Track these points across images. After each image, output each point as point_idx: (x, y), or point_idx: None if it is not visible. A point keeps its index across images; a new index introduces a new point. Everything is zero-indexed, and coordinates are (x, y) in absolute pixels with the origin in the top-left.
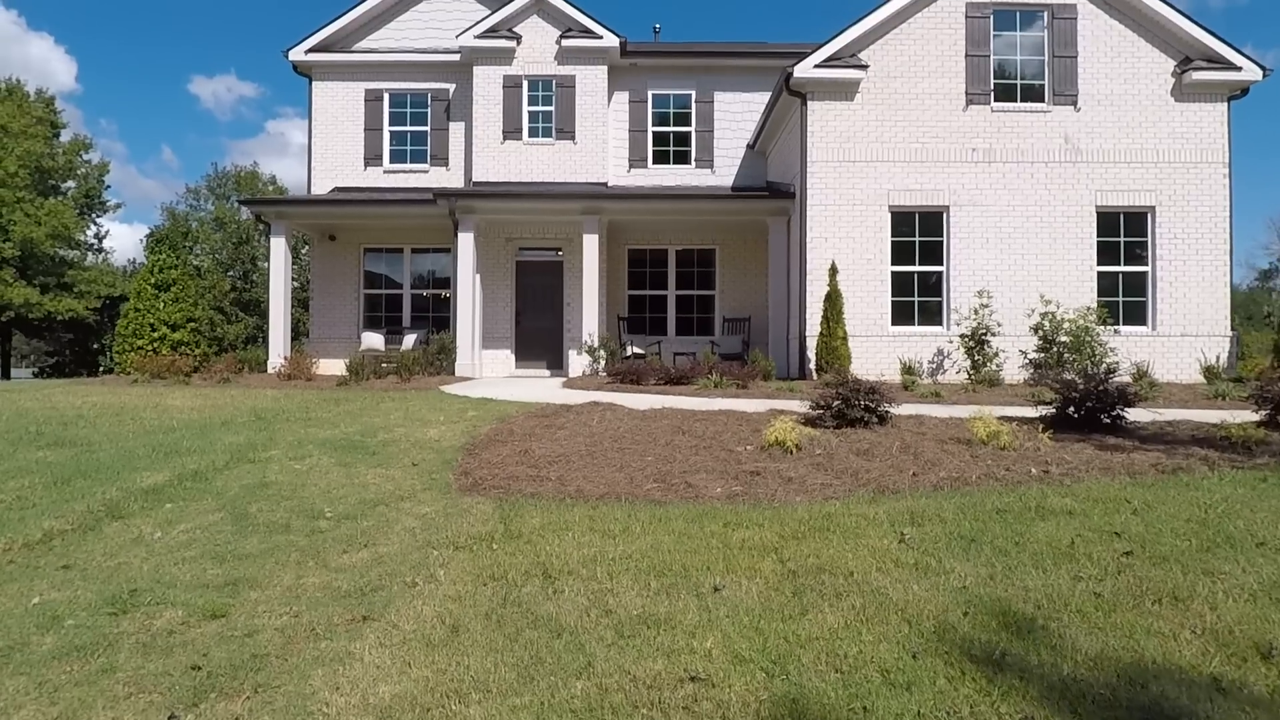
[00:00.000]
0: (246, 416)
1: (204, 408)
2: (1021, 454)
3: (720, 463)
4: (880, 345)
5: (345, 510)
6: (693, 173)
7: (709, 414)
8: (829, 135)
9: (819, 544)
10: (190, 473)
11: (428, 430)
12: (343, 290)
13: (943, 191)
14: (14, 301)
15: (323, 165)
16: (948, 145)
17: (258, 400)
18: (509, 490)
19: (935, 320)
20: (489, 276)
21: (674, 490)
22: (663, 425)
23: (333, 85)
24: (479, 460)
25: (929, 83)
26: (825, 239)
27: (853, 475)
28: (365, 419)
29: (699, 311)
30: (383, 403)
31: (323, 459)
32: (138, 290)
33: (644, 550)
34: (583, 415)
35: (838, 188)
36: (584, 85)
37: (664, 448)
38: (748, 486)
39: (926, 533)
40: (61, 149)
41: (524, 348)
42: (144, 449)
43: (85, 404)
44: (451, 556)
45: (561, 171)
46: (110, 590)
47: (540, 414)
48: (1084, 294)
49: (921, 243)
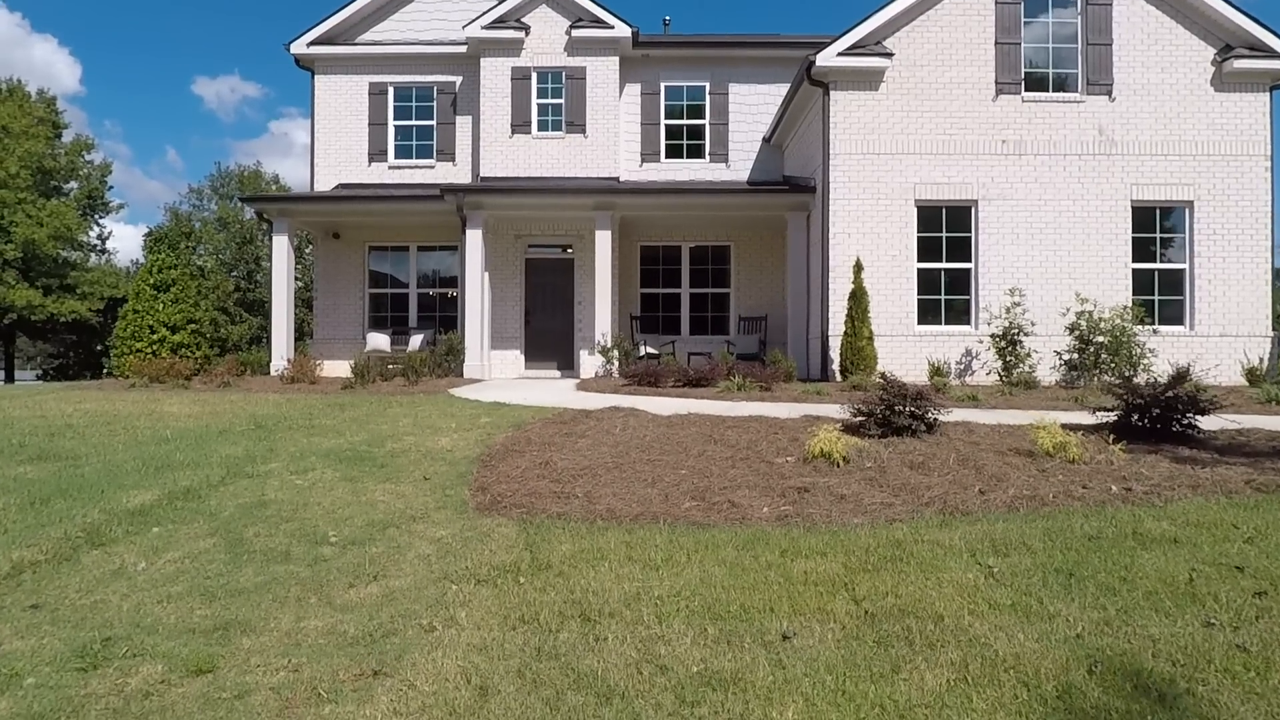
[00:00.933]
0: (246, 424)
1: (201, 415)
2: (1094, 468)
3: (762, 477)
4: (906, 345)
5: (351, 533)
6: (707, 167)
7: (739, 421)
8: (852, 126)
9: (894, 578)
10: (182, 490)
11: (439, 439)
12: (347, 290)
13: (971, 185)
14: (16, 303)
15: (326, 161)
16: (976, 137)
17: (259, 406)
18: (532, 509)
19: (963, 319)
20: (497, 275)
21: (716, 510)
22: (691, 433)
23: (336, 79)
24: (496, 473)
25: (957, 71)
26: (848, 235)
27: (912, 492)
28: (372, 426)
29: (714, 310)
30: (390, 408)
31: (327, 473)
32: (136, 291)
33: (693, 585)
34: (604, 422)
35: (861, 181)
36: (595, 77)
37: (697, 459)
38: (797, 506)
39: (1015, 565)
40: (64, 150)
41: (534, 348)
42: (133, 463)
43: (76, 412)
44: (473, 593)
45: (572, 166)
46: (82, 638)
47: (558, 420)
48: (1118, 292)
49: (949, 238)
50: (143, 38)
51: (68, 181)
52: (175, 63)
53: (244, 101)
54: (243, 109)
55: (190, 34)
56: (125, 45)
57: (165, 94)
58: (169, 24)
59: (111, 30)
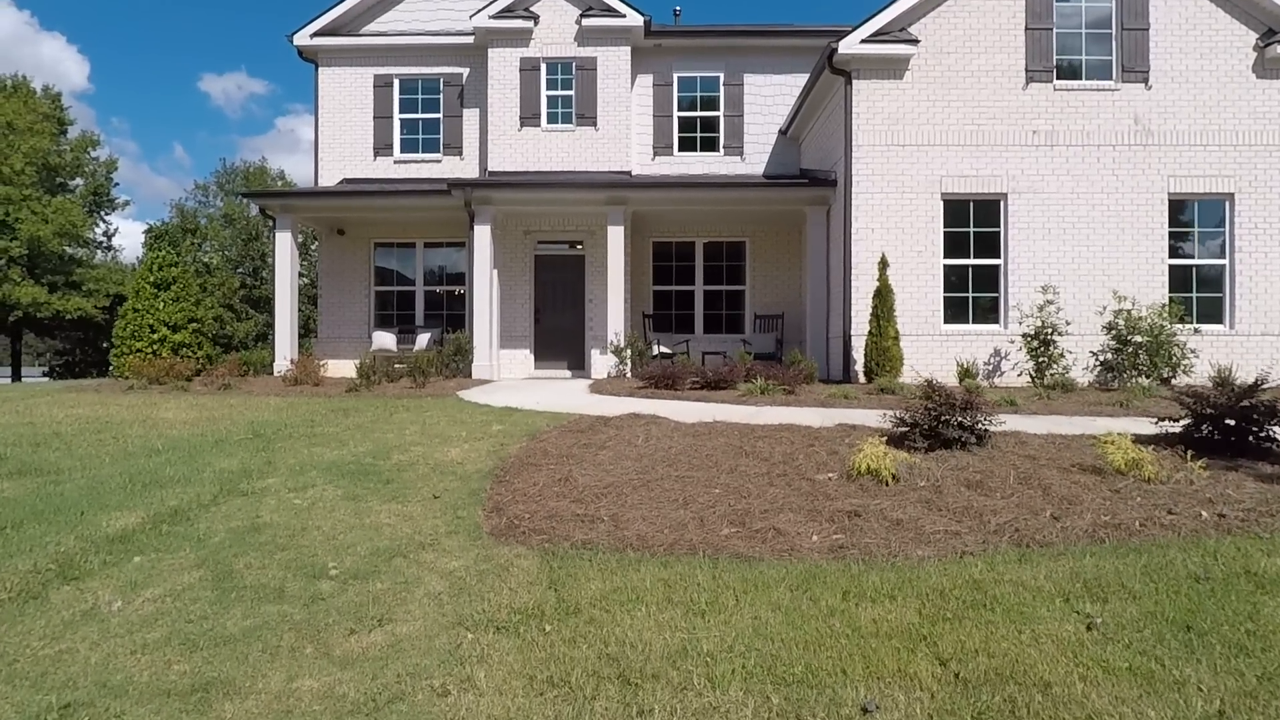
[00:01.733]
0: (244, 433)
1: (198, 421)
2: (1174, 489)
3: (805, 498)
4: (932, 345)
5: (354, 564)
6: (721, 160)
7: (769, 430)
8: (876, 117)
9: (981, 630)
10: (169, 512)
11: (448, 450)
12: (352, 287)
13: (1000, 178)
14: (21, 301)
15: (330, 156)
16: (1006, 127)
17: (258, 411)
18: (553, 536)
19: (991, 318)
20: (506, 272)
21: (759, 538)
22: (720, 444)
23: (340, 71)
24: (512, 491)
25: (985, 59)
26: (872, 230)
27: (976, 517)
28: (377, 435)
29: (728, 308)
30: (396, 413)
31: (328, 490)
32: (136, 289)
33: (747, 637)
34: (624, 431)
35: (885, 174)
36: (606, 67)
37: (729, 475)
38: (850, 534)
39: (1118, 614)
40: (69, 146)
41: (543, 347)
42: (119, 479)
43: (67, 418)
44: (492, 644)
45: (582, 160)
46: (38, 702)
47: (575, 428)
48: (1154, 289)
49: (976, 234)
50: (150, 35)
51: (73, 178)
52: (182, 60)
53: (250, 98)
54: (249, 105)
55: (197, 31)
56: (132, 42)
57: (172, 91)
58: (176, 21)
59: (119, 27)
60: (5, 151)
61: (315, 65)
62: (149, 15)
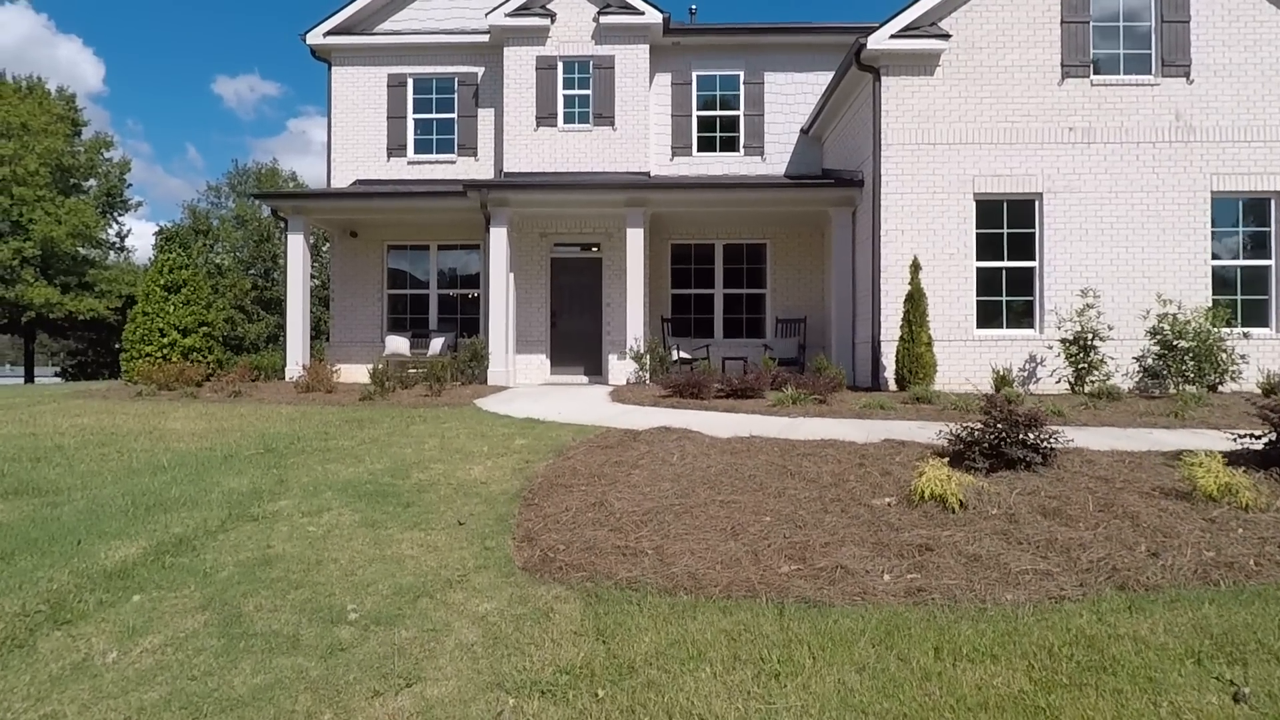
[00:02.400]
0: (255, 447)
1: (207, 433)
2: (1278, 519)
3: (866, 528)
4: (965, 351)
5: (375, 606)
6: (741, 160)
7: (811, 447)
8: (905, 115)
9: (1109, 702)
10: (173, 541)
11: (471, 467)
12: (365, 290)
13: (1035, 177)
14: (35, 301)
15: (343, 156)
16: (1040, 125)
17: (270, 422)
18: (594, 573)
19: (1024, 322)
20: (522, 275)
21: (825, 578)
22: (761, 463)
23: (353, 70)
24: (543, 516)
25: (1019, 54)
26: (901, 231)
27: (1063, 553)
28: (394, 450)
29: (749, 312)
30: (413, 425)
31: (344, 514)
32: (146, 292)
33: (833, 708)
34: (656, 447)
35: (915, 174)
36: (624, 66)
37: (778, 500)
38: (926, 573)
39: (1265, 680)
40: (83, 147)
41: (560, 352)
42: (121, 501)
43: (71, 429)
44: (539, 714)
45: (600, 160)
46: None
47: (603, 444)
48: (1196, 292)
49: (1010, 235)
50: (164, 37)
51: (87, 179)
52: (196, 62)
53: (263, 100)
54: (261, 107)
55: (210, 33)
56: (147, 45)
57: (186, 93)
58: (189, 23)
59: (134, 30)
60: (20, 152)
61: (328, 65)
62: (163, 18)
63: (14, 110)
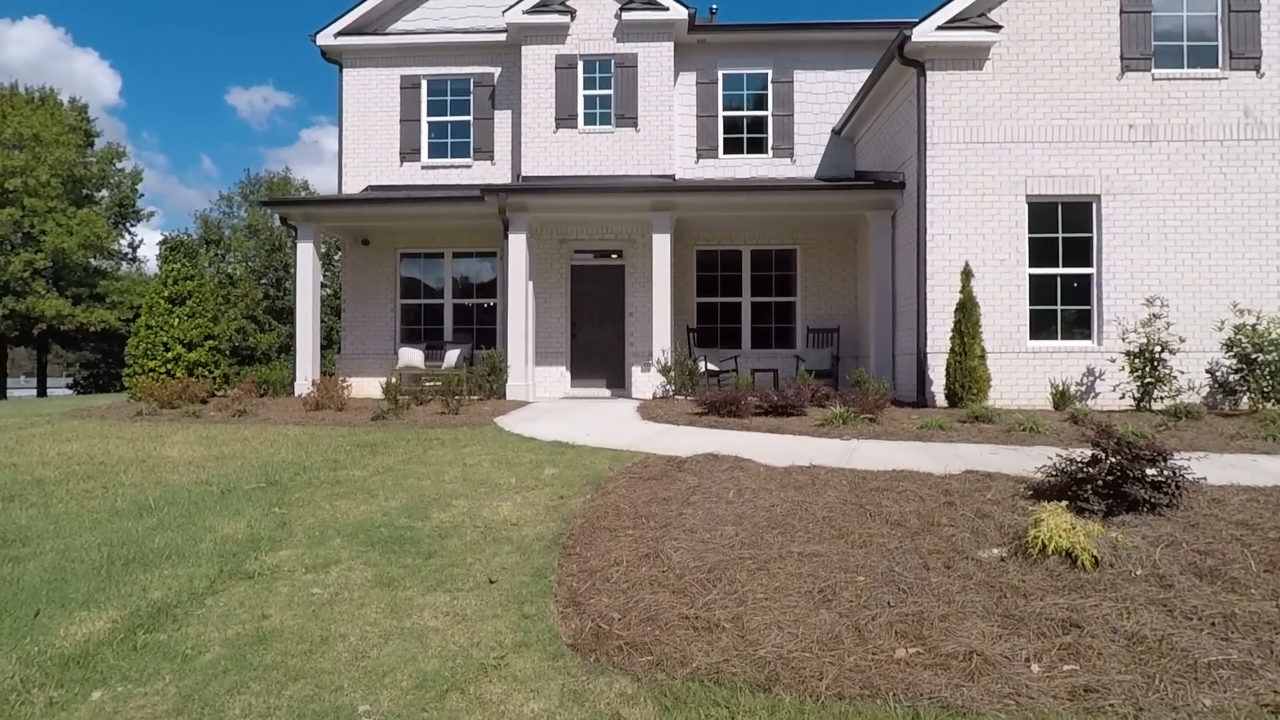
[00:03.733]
0: (256, 478)
1: (205, 461)
2: None
3: (984, 591)
4: (1017, 364)
5: (393, 705)
6: (769, 162)
7: (883, 479)
8: (953, 112)
9: None
10: (150, 609)
11: (498, 504)
12: (378, 300)
13: (1092, 178)
14: (46, 313)
15: (354, 161)
16: (1098, 122)
17: (275, 446)
18: (662, 656)
19: (1080, 333)
20: (541, 283)
21: (956, 667)
22: (831, 500)
23: (365, 72)
24: (588, 571)
25: (1075, 46)
26: (948, 236)
27: (1250, 632)
28: (411, 482)
29: (778, 321)
30: (430, 449)
31: (355, 568)
32: (150, 305)
33: None
34: (705, 479)
35: (963, 174)
36: (647, 64)
37: (864, 550)
38: (1084, 661)
39: None
40: (95, 158)
41: (580, 364)
42: (97, 553)
43: (58, 457)
44: None
45: (622, 163)
46: None
47: (644, 474)
48: (1270, 300)
49: (1065, 239)
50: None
51: (99, 190)
52: (210, 74)
53: (276, 110)
54: (274, 118)
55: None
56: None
57: (200, 105)
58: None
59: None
60: (31, 163)
61: (339, 67)
62: (178, 30)
63: (26, 121)
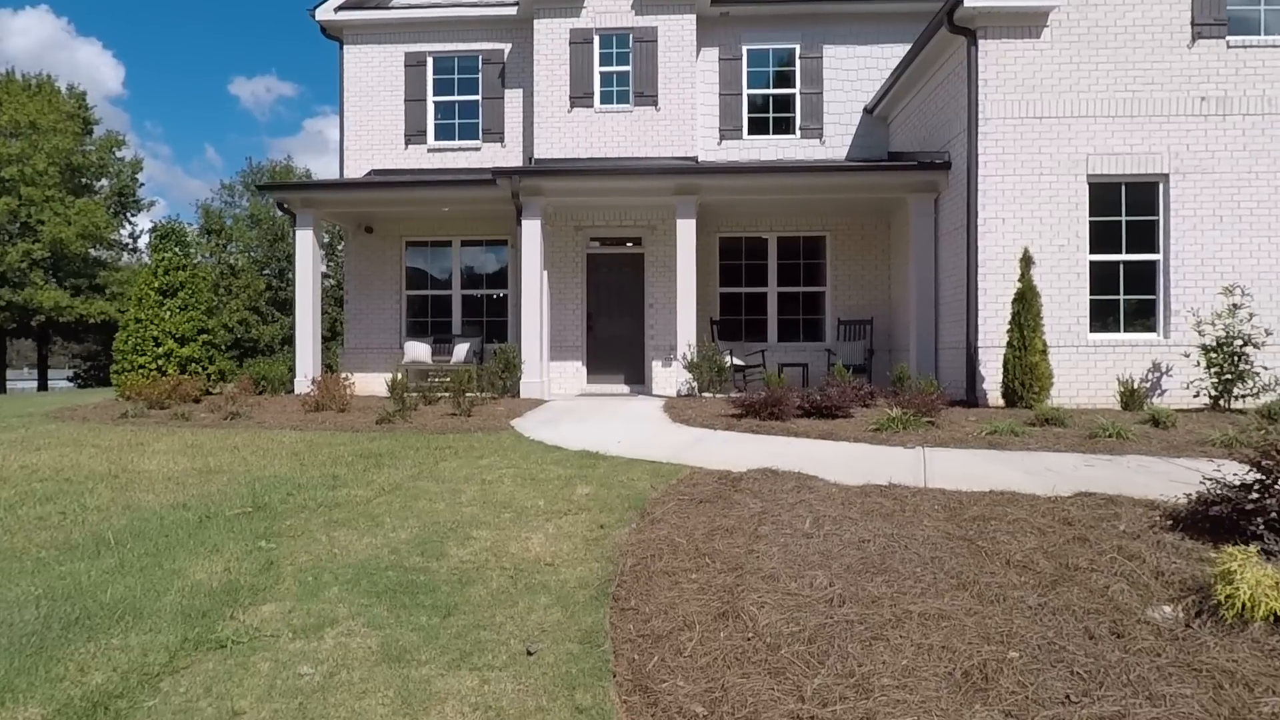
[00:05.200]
0: (242, 500)
1: (187, 476)
2: None
3: (1188, 677)
4: (1076, 359)
5: None
6: (796, 144)
7: (982, 504)
8: (1007, 84)
9: None
10: (86, 701)
11: (528, 536)
12: (382, 292)
13: (1159, 155)
14: (44, 305)
15: (357, 145)
16: (1167, 94)
17: (267, 457)
18: None
19: (1142, 325)
20: (555, 273)
21: None
22: (932, 533)
23: (367, 49)
24: (652, 637)
25: (1141, 11)
26: (1002, 220)
27: None
28: (423, 504)
29: (805, 312)
30: (443, 460)
31: (356, 633)
32: (139, 296)
33: None
34: (768, 500)
35: (1018, 153)
36: (668, 39)
37: (1001, 609)
38: None
39: None
40: (93, 146)
41: (597, 359)
42: (32, 610)
43: (19, 472)
44: None
45: (641, 144)
46: None
47: (695, 494)
48: None
49: (1129, 223)
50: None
51: (98, 179)
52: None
53: (279, 100)
54: (278, 108)
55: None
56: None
57: (204, 95)
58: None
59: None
60: (28, 151)
61: (339, 44)
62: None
63: (22, 109)
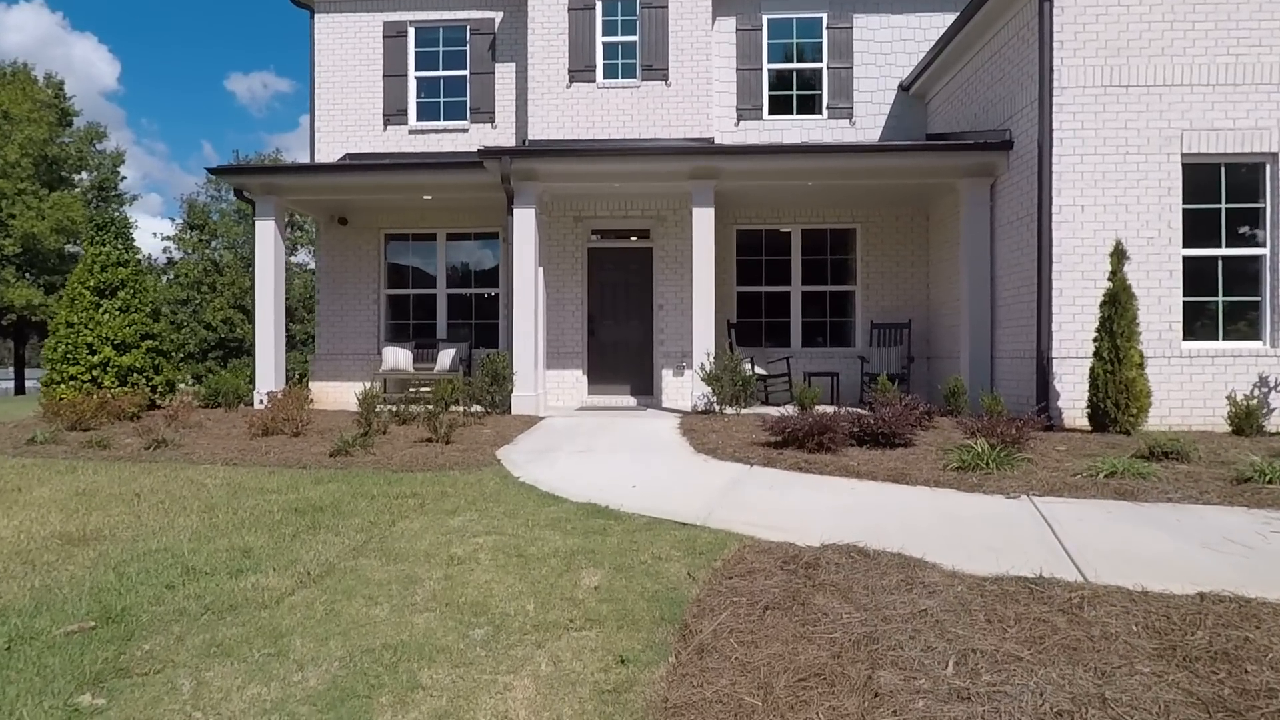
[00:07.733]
0: (94, 598)
1: (44, 546)
2: None
3: None
4: (1169, 373)
5: None
6: (823, 125)
7: (1202, 619)
8: (1087, 47)
9: None
10: None
11: (505, 683)
12: (358, 291)
13: (1268, 131)
14: (15, 303)
15: (330, 126)
16: (1277, 58)
17: (170, 514)
18: None
19: (1242, 332)
20: (552, 270)
21: None
22: (1156, 691)
23: (340, 19)
24: None
25: None
26: (1080, 208)
27: None
28: (356, 608)
29: (833, 314)
30: (401, 518)
31: None
32: (71, 296)
33: None
34: (866, 606)
35: (1099, 127)
36: (680, 5)
37: None
38: None
39: None
40: (72, 138)
41: (599, 367)
42: None
43: None
44: None
45: (650, 124)
46: None
47: (753, 593)
48: None
49: (1228, 211)
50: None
51: (77, 172)
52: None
53: (275, 96)
54: (273, 104)
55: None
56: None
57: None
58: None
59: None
60: None
61: (310, 12)
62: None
63: None
